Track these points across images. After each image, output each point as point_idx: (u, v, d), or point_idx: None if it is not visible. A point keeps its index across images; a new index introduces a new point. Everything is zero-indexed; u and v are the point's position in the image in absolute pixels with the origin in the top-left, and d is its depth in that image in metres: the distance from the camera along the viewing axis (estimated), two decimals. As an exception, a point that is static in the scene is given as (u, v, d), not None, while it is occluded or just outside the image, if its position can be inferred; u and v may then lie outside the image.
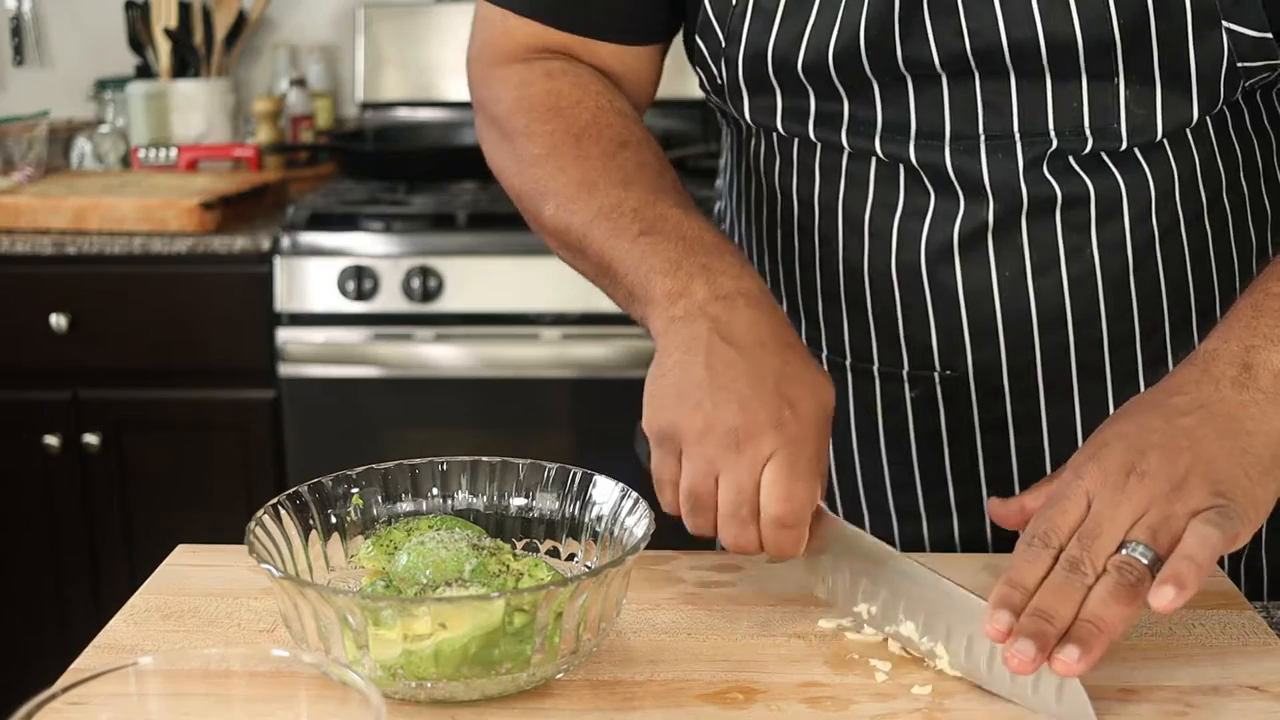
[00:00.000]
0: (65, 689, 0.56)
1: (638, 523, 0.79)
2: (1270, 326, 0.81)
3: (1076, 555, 0.73)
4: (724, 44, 0.98)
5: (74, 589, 2.33)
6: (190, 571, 0.90)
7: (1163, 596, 0.70)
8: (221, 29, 2.70)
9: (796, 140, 1.01)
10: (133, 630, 0.82)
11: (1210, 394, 0.79)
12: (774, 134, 1.02)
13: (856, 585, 0.81)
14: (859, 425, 1.05)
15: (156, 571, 0.90)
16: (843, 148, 0.98)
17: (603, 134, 0.97)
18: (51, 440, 2.27)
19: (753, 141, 1.05)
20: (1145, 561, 0.72)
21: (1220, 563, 0.92)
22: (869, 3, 0.92)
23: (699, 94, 1.06)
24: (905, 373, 1.02)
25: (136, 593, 0.87)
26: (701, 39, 0.99)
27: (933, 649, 0.77)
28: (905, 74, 0.94)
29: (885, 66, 0.93)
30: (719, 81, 1.00)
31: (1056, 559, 0.73)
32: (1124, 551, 0.72)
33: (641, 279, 0.88)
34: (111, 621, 0.83)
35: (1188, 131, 0.95)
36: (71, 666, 0.77)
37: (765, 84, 0.98)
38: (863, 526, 0.83)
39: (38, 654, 2.32)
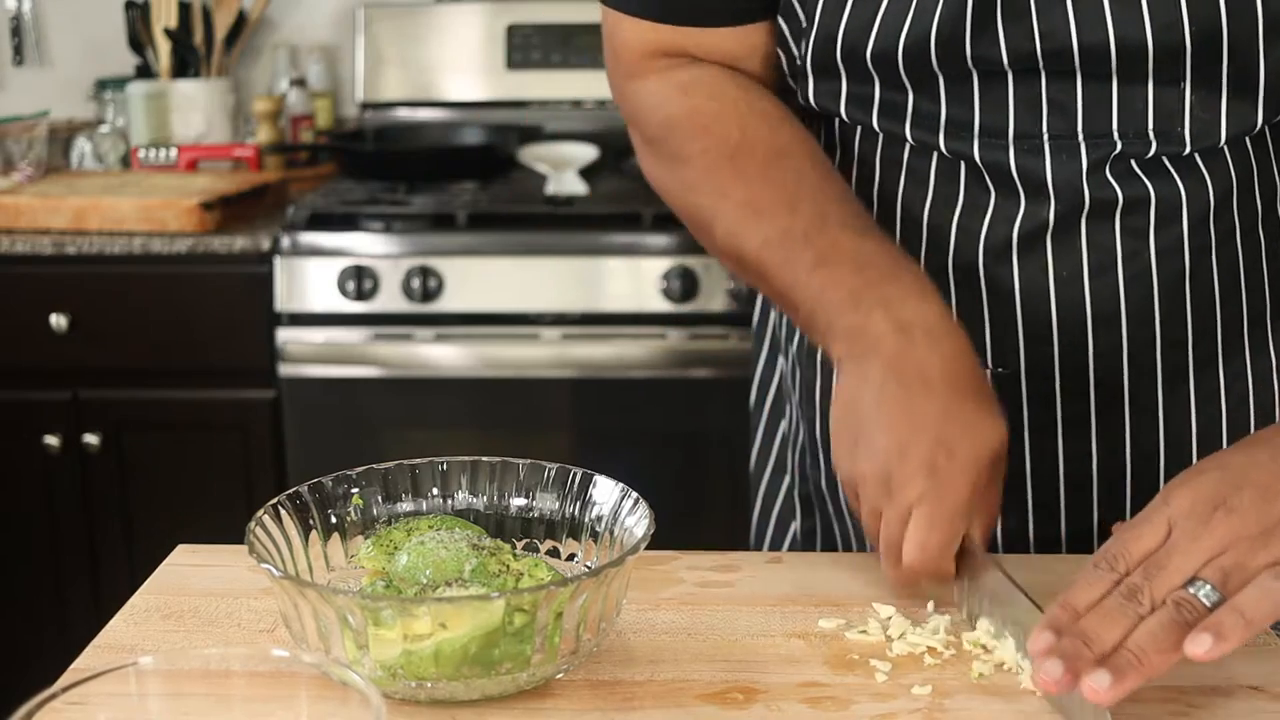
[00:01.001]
0: (65, 689, 0.56)
1: (638, 523, 0.79)
2: None
3: (1137, 583, 0.70)
4: (804, 24, 0.97)
5: (74, 589, 2.33)
6: (190, 571, 0.90)
7: (1198, 645, 0.67)
8: (221, 29, 2.70)
9: (859, 130, 1.00)
10: (133, 630, 0.82)
11: None
12: (835, 123, 1.01)
13: (980, 605, 0.82)
14: None
15: (156, 571, 0.90)
16: (905, 140, 0.98)
17: (756, 149, 0.96)
18: (51, 440, 2.27)
19: (812, 132, 1.04)
20: (1207, 603, 0.69)
21: None
22: (944, 1, 0.91)
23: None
24: None
25: (136, 593, 0.87)
26: (784, 19, 0.99)
27: (1021, 666, 0.77)
28: (971, 70, 0.93)
29: (952, 63, 0.93)
30: (796, 64, 0.99)
31: (1121, 583, 0.71)
32: (1189, 589, 0.70)
33: (822, 314, 0.88)
34: (111, 621, 0.83)
35: (1247, 139, 0.95)
36: (71, 666, 0.77)
37: (832, 68, 0.97)
38: None
39: (38, 654, 2.32)
